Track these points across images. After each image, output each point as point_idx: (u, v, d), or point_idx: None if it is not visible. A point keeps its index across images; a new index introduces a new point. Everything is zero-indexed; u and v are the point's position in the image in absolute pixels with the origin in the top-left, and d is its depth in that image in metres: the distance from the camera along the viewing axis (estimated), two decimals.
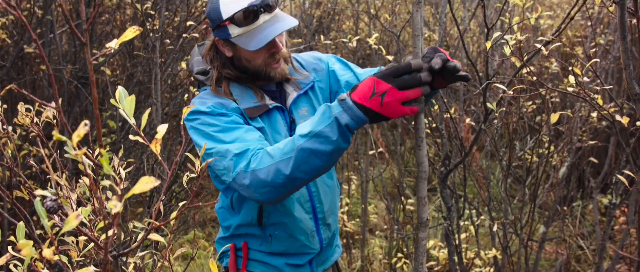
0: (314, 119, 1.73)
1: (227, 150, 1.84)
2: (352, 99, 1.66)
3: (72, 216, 0.91)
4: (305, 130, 1.72)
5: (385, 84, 1.60)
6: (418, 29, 1.65)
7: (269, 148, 1.81)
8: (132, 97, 1.13)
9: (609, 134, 5.21)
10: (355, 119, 1.66)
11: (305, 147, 1.70)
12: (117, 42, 1.03)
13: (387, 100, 1.61)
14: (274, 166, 1.75)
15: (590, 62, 2.04)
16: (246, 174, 1.79)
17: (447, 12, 4.39)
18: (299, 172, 1.74)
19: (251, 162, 1.80)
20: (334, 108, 1.69)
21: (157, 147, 1.11)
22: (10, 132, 2.03)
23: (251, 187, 1.80)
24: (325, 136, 1.68)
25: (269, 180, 1.76)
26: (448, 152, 3.42)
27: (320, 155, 1.71)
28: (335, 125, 1.67)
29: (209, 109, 1.97)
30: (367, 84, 1.64)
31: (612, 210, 3.75)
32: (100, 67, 4.72)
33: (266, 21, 1.96)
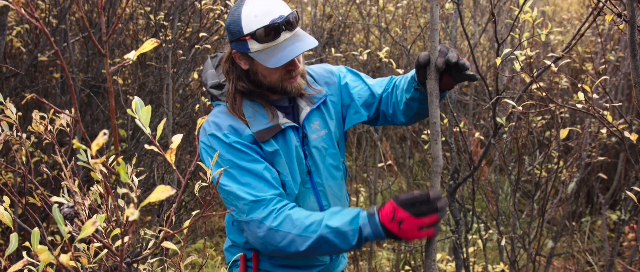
0: (345, 217, 1.85)
1: (240, 194, 1.92)
2: (379, 217, 1.79)
3: (88, 223, 0.94)
4: (333, 224, 1.83)
5: (403, 212, 1.73)
6: (436, 23, 1.70)
7: (295, 214, 1.89)
8: (148, 108, 1.15)
9: (619, 150, 5.20)
10: (376, 234, 1.80)
11: (326, 237, 1.83)
12: (135, 54, 1.06)
13: (405, 227, 1.74)
14: (291, 236, 1.86)
15: (600, 79, 2.05)
16: (262, 226, 1.90)
17: (458, 26, 4.42)
18: (308, 251, 1.88)
19: (271, 218, 1.89)
20: (362, 218, 1.82)
21: (171, 156, 1.13)
22: (23, 139, 2.05)
23: (262, 240, 1.92)
24: (346, 238, 1.82)
25: (281, 245, 1.88)
26: (457, 166, 3.43)
27: (333, 247, 1.86)
28: (358, 233, 1.81)
29: (225, 138, 1.98)
30: (389, 207, 1.77)
31: (621, 226, 3.74)
32: (113, 77, 4.77)
33: (287, 39, 1.95)
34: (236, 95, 2.08)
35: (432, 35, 1.72)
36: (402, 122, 2.23)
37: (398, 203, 1.74)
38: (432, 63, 1.74)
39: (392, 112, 2.23)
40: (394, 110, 2.21)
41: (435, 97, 1.75)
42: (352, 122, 2.29)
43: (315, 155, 2.17)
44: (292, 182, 2.07)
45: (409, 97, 2.07)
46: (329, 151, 2.21)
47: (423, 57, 1.77)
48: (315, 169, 2.17)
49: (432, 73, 1.75)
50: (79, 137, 3.49)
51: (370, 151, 6.10)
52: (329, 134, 2.22)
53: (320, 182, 2.18)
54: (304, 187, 2.15)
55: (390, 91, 2.22)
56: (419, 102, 2.07)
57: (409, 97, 2.07)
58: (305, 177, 2.15)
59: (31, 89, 4.80)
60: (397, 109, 2.19)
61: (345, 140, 2.39)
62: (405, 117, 2.19)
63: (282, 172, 2.05)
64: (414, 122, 2.25)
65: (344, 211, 1.88)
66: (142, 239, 1.95)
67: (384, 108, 2.26)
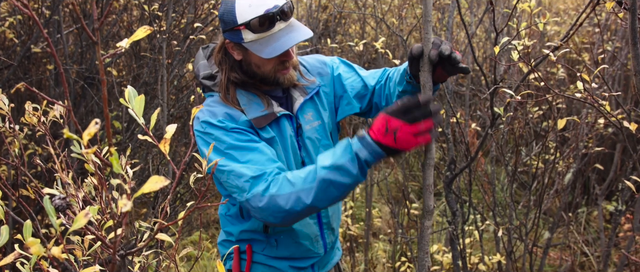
0: (336, 152, 1.79)
1: (241, 171, 1.87)
2: (370, 135, 1.72)
3: (80, 215, 0.91)
4: (327, 163, 1.77)
5: (396, 120, 1.67)
6: (429, 15, 1.69)
7: (289, 175, 1.84)
8: (141, 97, 1.13)
9: (615, 140, 5.20)
10: (373, 154, 1.73)
11: (327, 178, 1.76)
12: (128, 42, 1.03)
13: (400, 135, 1.68)
14: (294, 194, 1.80)
15: (599, 68, 2.03)
16: (263, 198, 1.83)
17: (455, 16, 4.39)
18: (318, 201, 1.80)
19: (270, 187, 1.84)
20: (354, 144, 1.75)
21: (165, 147, 1.11)
22: (17, 131, 2.03)
23: (266, 211, 1.85)
24: (346, 170, 1.75)
25: (288, 207, 1.81)
26: (453, 157, 3.42)
27: (339, 186, 1.77)
28: (356, 160, 1.75)
29: (220, 123, 1.96)
30: (380, 120, 1.70)
31: (618, 217, 3.74)
32: (107, 68, 4.73)
33: (281, 30, 1.93)
34: (229, 86, 2.06)
35: (425, 27, 1.70)
36: None
37: (388, 113, 1.69)
38: (425, 55, 1.72)
39: (385, 104, 2.22)
40: (387, 103, 2.20)
41: (428, 89, 1.73)
42: (344, 113, 2.27)
43: (308, 146, 2.16)
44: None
45: (401, 90, 2.06)
46: (322, 142, 2.20)
47: (416, 49, 1.75)
48: (309, 160, 2.16)
49: (425, 65, 1.74)
50: (72, 129, 3.46)
51: None
52: (322, 125, 2.21)
53: None
54: None
55: (384, 83, 2.20)
56: (411, 94, 2.05)
57: (401, 89, 2.06)
58: (299, 168, 2.13)
59: (25, 81, 4.76)
60: (389, 102, 2.18)
61: (339, 131, 2.38)
62: None
63: (279, 159, 2.03)
64: None
65: (335, 147, 1.83)
66: (137, 231, 1.93)
67: (376, 100, 2.25)
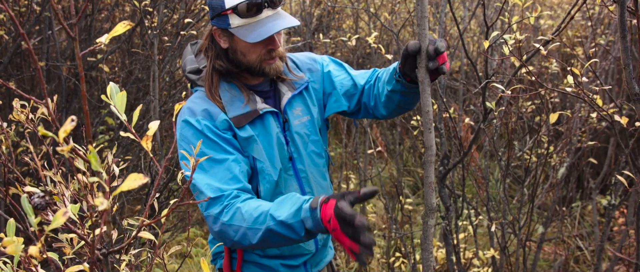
0: (290, 208, 1.78)
1: (202, 189, 1.89)
2: (320, 212, 1.71)
3: (59, 214, 0.90)
4: (278, 216, 1.77)
5: (335, 222, 1.65)
6: (425, 10, 1.66)
7: (244, 207, 1.84)
8: (123, 94, 1.11)
9: (609, 134, 5.20)
10: (317, 229, 1.73)
11: (274, 230, 1.78)
12: (107, 37, 1.02)
13: (335, 235, 1.68)
14: (243, 230, 1.82)
15: (590, 62, 2.02)
16: (217, 222, 1.87)
17: (447, 11, 4.38)
18: (264, 244, 1.84)
19: (224, 213, 1.86)
20: (304, 211, 1.74)
21: (148, 144, 1.09)
22: (5, 128, 2.01)
23: (219, 234, 1.89)
24: (293, 229, 1.76)
25: (236, 239, 1.85)
26: (447, 152, 3.41)
27: (285, 239, 1.81)
28: (302, 225, 1.75)
29: (197, 124, 1.96)
30: (328, 211, 1.68)
31: (612, 211, 3.74)
32: (98, 64, 4.71)
33: (269, 16, 1.95)
34: (213, 75, 2.06)
35: (421, 22, 1.68)
36: (382, 115, 2.22)
37: (335, 213, 1.65)
38: (423, 51, 1.70)
39: (374, 104, 2.21)
40: (376, 103, 2.20)
41: (426, 85, 1.71)
42: (331, 110, 2.27)
43: (297, 141, 2.15)
44: (271, 168, 2.05)
45: (390, 89, 2.06)
46: (311, 138, 2.19)
47: (412, 45, 1.74)
48: (297, 155, 2.15)
49: (423, 61, 1.71)
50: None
51: (361, 137, 6.07)
52: (311, 120, 2.20)
53: (302, 169, 2.17)
54: (286, 174, 2.13)
55: (373, 83, 2.20)
56: (400, 94, 2.05)
57: (390, 89, 2.05)
58: (288, 163, 2.13)
59: (17, 78, 4.74)
60: (378, 102, 2.18)
61: (328, 129, 2.38)
62: (386, 110, 2.18)
63: (258, 159, 2.03)
64: (394, 115, 2.24)
65: (293, 199, 1.82)
66: (126, 229, 1.91)
67: (365, 100, 2.25)
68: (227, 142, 1.97)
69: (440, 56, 1.72)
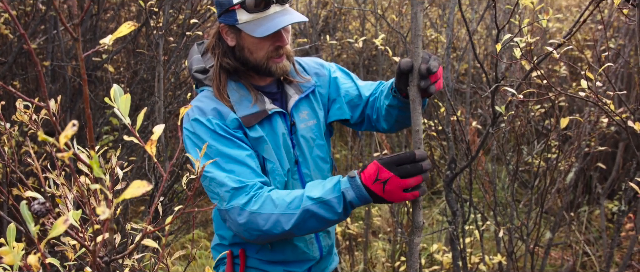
0: (325, 185, 1.78)
1: (224, 181, 1.85)
2: (361, 179, 1.72)
3: (59, 221, 0.86)
4: (315, 194, 1.77)
5: (387, 172, 1.66)
6: (419, 29, 1.66)
7: (274, 194, 1.82)
8: (127, 96, 1.08)
9: (617, 139, 5.14)
10: (360, 197, 1.74)
11: (311, 209, 1.76)
12: (111, 38, 0.98)
13: (389, 188, 1.68)
14: (275, 217, 1.79)
15: (604, 67, 1.98)
16: (243, 212, 1.83)
17: (455, 13, 4.34)
18: (296, 230, 1.81)
19: (252, 202, 1.82)
20: (343, 183, 1.75)
21: (152, 148, 1.06)
22: (8, 129, 1.98)
23: (244, 226, 1.84)
24: (331, 206, 1.76)
25: (265, 228, 1.81)
26: (454, 156, 3.37)
27: (321, 220, 1.78)
28: (342, 199, 1.75)
29: (209, 123, 1.93)
30: (372, 167, 1.70)
31: (621, 217, 3.69)
32: (104, 65, 4.68)
33: (277, 12, 1.93)
34: (221, 73, 2.03)
35: (414, 40, 1.67)
36: (384, 128, 2.20)
37: (382, 163, 1.68)
38: (415, 70, 1.69)
39: (376, 117, 2.20)
40: (378, 116, 2.19)
41: (417, 104, 1.70)
42: (334, 117, 2.25)
43: (302, 145, 2.12)
44: (280, 168, 2.02)
45: (388, 104, 2.05)
46: (317, 142, 2.17)
47: (405, 63, 1.72)
48: (302, 159, 2.13)
49: (415, 80, 1.70)
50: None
51: (366, 140, 6.04)
52: (317, 124, 2.18)
53: (308, 173, 2.14)
54: (292, 178, 2.10)
55: (377, 96, 2.19)
56: (398, 109, 2.04)
57: (388, 103, 2.04)
58: (293, 167, 2.10)
59: (21, 77, 4.72)
60: (379, 115, 2.16)
61: (331, 135, 2.35)
62: (387, 124, 2.16)
63: (268, 159, 2.00)
64: (395, 129, 2.21)
65: (325, 181, 1.82)
66: (130, 233, 1.88)
67: (369, 112, 2.23)
68: (240, 140, 1.95)
69: (433, 74, 1.70)
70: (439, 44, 5.14)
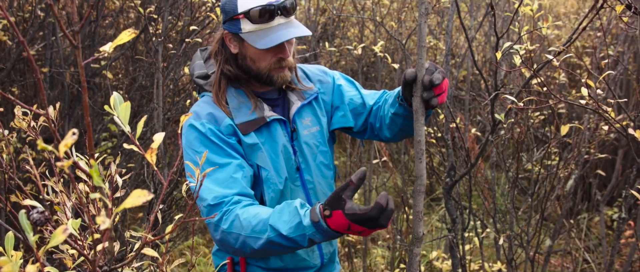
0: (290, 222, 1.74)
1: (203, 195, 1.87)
2: (329, 225, 1.68)
3: (59, 230, 0.85)
4: (279, 228, 1.73)
5: (360, 227, 1.65)
6: (423, 40, 1.67)
7: (243, 215, 1.80)
8: (127, 104, 1.07)
9: (617, 146, 5.14)
10: (328, 238, 1.72)
11: (275, 241, 1.75)
12: (111, 46, 0.98)
13: (365, 235, 1.72)
14: (242, 237, 1.79)
15: (604, 74, 1.98)
16: (217, 229, 1.84)
17: (454, 20, 4.34)
18: (264, 252, 1.81)
19: (223, 220, 1.83)
20: (307, 228, 1.71)
21: (152, 157, 1.05)
22: (6, 136, 1.97)
23: (220, 242, 1.87)
24: (296, 242, 1.74)
25: (236, 247, 1.82)
26: (453, 163, 3.36)
27: (287, 249, 1.78)
28: (307, 240, 1.73)
29: (201, 127, 1.93)
30: (342, 221, 1.65)
31: (621, 224, 3.68)
32: (102, 71, 4.67)
33: (281, 24, 1.92)
34: (221, 80, 2.03)
35: (419, 52, 1.68)
36: (387, 137, 2.18)
37: (352, 220, 1.63)
38: (419, 81, 1.70)
39: (379, 126, 2.19)
40: (381, 125, 2.17)
41: (420, 115, 1.71)
42: (337, 124, 2.24)
43: (305, 151, 2.11)
44: (276, 177, 2.01)
45: (393, 112, 2.04)
46: (320, 149, 2.15)
47: (409, 74, 1.73)
48: (305, 166, 2.11)
49: (418, 91, 1.72)
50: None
51: (365, 146, 6.03)
52: (321, 131, 2.17)
53: (310, 180, 2.12)
54: (294, 185, 2.09)
55: (381, 105, 2.18)
56: (403, 118, 2.03)
57: (394, 112, 2.04)
58: (295, 173, 2.09)
59: (20, 83, 4.70)
60: (383, 124, 2.15)
61: (334, 142, 2.34)
62: (390, 133, 2.15)
63: (263, 167, 1.99)
64: (398, 139, 2.20)
65: (290, 208, 1.77)
66: (128, 241, 1.87)
67: (372, 121, 2.22)
68: (231, 147, 1.94)
69: (436, 87, 1.71)
70: (437, 51, 5.14)
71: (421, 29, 1.64)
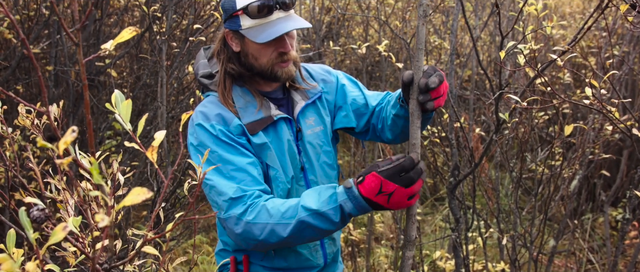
0: (321, 196, 1.76)
1: (223, 190, 1.85)
2: (360, 191, 1.69)
3: (58, 228, 0.85)
4: (310, 205, 1.75)
5: (392, 184, 1.64)
6: (421, 43, 1.66)
7: (270, 204, 1.81)
8: (128, 102, 1.07)
9: (622, 147, 5.12)
10: (359, 208, 1.71)
11: (306, 221, 1.74)
12: (112, 43, 0.98)
13: (395, 199, 1.66)
14: (270, 226, 1.78)
15: (609, 74, 1.97)
16: (239, 222, 1.82)
17: (459, 19, 4.33)
18: (293, 239, 1.79)
19: (248, 212, 1.81)
20: (340, 195, 1.73)
21: (153, 155, 1.05)
22: (10, 134, 1.98)
23: (241, 236, 1.84)
24: (328, 218, 1.73)
25: (261, 237, 1.80)
26: (457, 163, 3.35)
27: (317, 231, 1.77)
28: (339, 211, 1.73)
29: (212, 129, 1.92)
30: (374, 181, 1.66)
31: (625, 225, 3.66)
32: (107, 69, 4.68)
33: (280, 18, 1.91)
34: (226, 79, 2.03)
35: (417, 54, 1.67)
36: (388, 138, 2.18)
37: (384, 176, 1.64)
38: (415, 83, 1.69)
39: (381, 127, 2.18)
40: (383, 126, 2.17)
41: (416, 118, 1.71)
42: (340, 124, 2.23)
43: (309, 151, 2.10)
44: (284, 176, 2.01)
45: (394, 113, 2.03)
46: (324, 148, 2.15)
47: (407, 76, 1.72)
48: (309, 165, 2.10)
49: (415, 93, 1.71)
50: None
51: (369, 146, 6.03)
52: (324, 131, 2.16)
53: (314, 180, 2.12)
54: (298, 184, 2.08)
55: (384, 106, 2.17)
56: (404, 119, 2.03)
57: (395, 113, 2.03)
58: (299, 173, 2.08)
59: (24, 82, 4.72)
60: (385, 125, 2.15)
61: (337, 141, 2.33)
62: (391, 134, 2.14)
63: (271, 166, 1.98)
64: (400, 140, 2.20)
65: (320, 189, 1.79)
66: (131, 239, 1.87)
67: (374, 122, 2.21)
68: (243, 146, 1.94)
69: (434, 90, 1.70)
70: (442, 51, 5.13)
71: (419, 31, 1.64)
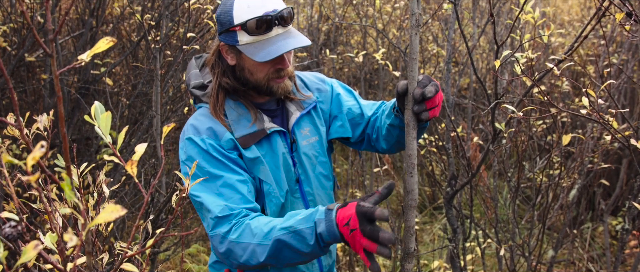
0: (298, 216, 1.70)
1: (210, 207, 1.80)
2: (336, 214, 1.63)
3: (29, 247, 0.82)
4: (286, 224, 1.69)
5: (357, 222, 1.56)
6: (415, 53, 1.64)
7: (254, 223, 1.75)
8: (107, 114, 1.04)
9: (621, 156, 5.09)
10: (330, 233, 1.62)
11: (282, 239, 1.68)
12: (88, 54, 0.94)
13: (354, 237, 1.57)
14: (251, 247, 1.73)
15: (606, 84, 1.94)
16: (224, 241, 1.77)
17: (456, 28, 4.30)
18: (272, 260, 1.73)
19: (232, 231, 1.77)
20: (319, 214, 1.66)
21: (133, 169, 1.01)
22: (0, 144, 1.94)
23: (224, 255, 1.80)
24: (303, 236, 1.66)
25: (242, 259, 1.75)
26: (454, 172, 3.32)
27: (294, 252, 1.69)
28: (313, 230, 1.65)
29: (202, 143, 1.88)
30: (349, 210, 1.60)
31: (625, 235, 3.63)
32: (102, 78, 4.65)
33: (279, 35, 1.85)
34: (219, 92, 1.97)
35: (410, 64, 1.65)
36: (383, 148, 2.14)
37: (357, 211, 1.57)
38: (410, 93, 1.66)
39: (376, 137, 2.15)
40: (377, 136, 2.13)
41: (412, 128, 1.68)
42: (335, 134, 2.19)
43: (305, 162, 2.06)
44: (278, 190, 1.96)
45: (389, 123, 2.00)
46: (319, 159, 2.11)
47: (401, 86, 1.70)
48: (305, 177, 2.06)
49: (409, 103, 1.68)
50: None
51: (367, 154, 5.99)
52: (320, 141, 2.12)
53: (310, 191, 2.08)
54: (293, 196, 2.04)
55: (379, 115, 2.13)
56: (399, 129, 1.99)
57: (389, 122, 2.00)
58: (294, 185, 2.04)
59: (19, 89, 4.69)
60: (379, 134, 2.11)
61: (332, 151, 2.29)
62: (386, 144, 2.11)
63: (265, 181, 1.94)
64: (395, 150, 2.16)
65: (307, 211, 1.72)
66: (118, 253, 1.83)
67: (369, 132, 2.18)
68: (234, 162, 1.89)
69: (429, 100, 1.66)
70: (440, 59, 5.10)
71: (413, 41, 1.61)
